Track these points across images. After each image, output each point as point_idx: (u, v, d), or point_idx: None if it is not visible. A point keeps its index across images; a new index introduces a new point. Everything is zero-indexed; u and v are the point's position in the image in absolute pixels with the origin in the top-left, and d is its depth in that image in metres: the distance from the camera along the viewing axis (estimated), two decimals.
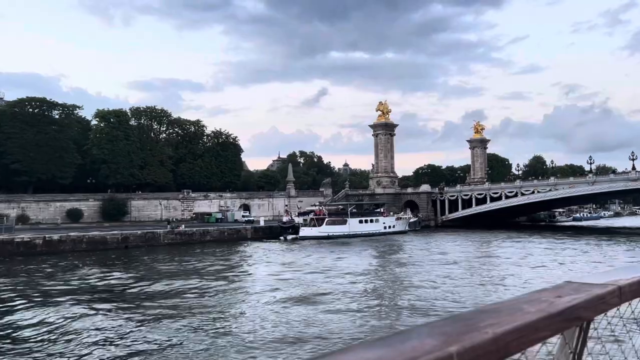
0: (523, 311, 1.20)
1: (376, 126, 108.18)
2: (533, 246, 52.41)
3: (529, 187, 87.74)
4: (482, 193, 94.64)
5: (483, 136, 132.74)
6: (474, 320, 1.11)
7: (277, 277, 33.62)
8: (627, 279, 1.64)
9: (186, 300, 25.88)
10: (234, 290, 28.76)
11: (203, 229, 63.65)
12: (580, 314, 1.37)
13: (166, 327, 19.96)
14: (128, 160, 78.35)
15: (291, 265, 40.48)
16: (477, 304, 19.08)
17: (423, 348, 0.93)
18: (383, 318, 21.41)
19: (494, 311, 1.19)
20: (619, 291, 1.54)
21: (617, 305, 1.56)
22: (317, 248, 54.86)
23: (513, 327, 1.09)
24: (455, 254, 46.78)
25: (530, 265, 37.33)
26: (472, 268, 36.81)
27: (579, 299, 1.35)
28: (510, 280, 30.84)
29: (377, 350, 0.93)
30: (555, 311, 1.25)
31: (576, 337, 1.53)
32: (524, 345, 1.12)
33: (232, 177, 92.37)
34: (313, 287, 29.00)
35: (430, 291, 27.30)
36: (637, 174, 74.07)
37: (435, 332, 1.02)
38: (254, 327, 19.69)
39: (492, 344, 1.01)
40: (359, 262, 40.89)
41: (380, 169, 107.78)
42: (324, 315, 21.59)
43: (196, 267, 39.27)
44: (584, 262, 38.64)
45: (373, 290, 28.35)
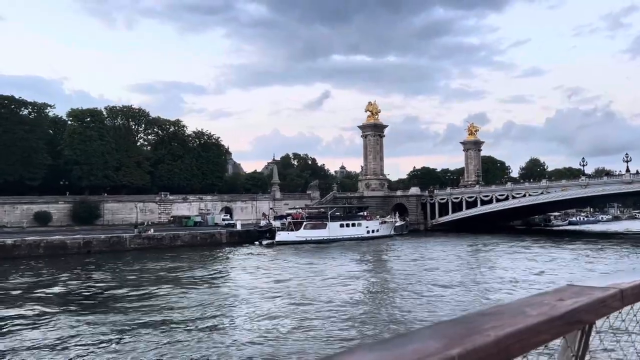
0: (525, 314, 1.19)
1: (365, 127, 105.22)
2: (522, 252, 49.38)
3: (520, 190, 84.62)
4: (473, 196, 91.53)
5: (477, 138, 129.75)
6: (476, 323, 1.10)
7: (240, 287, 30.89)
8: (629, 282, 1.63)
9: (123, 317, 22.65)
10: (182, 306, 25.59)
11: (173, 233, 60.53)
12: (582, 317, 1.36)
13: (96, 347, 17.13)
14: (102, 161, 75.35)
15: (257, 274, 37.51)
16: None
17: (425, 351, 0.92)
18: (355, 336, 18.62)
19: (496, 314, 1.18)
20: (620, 294, 1.53)
21: (619, 308, 1.55)
22: (293, 254, 51.84)
23: (515, 330, 1.08)
24: (438, 260, 43.95)
25: (515, 274, 34.50)
26: (451, 275, 34.17)
27: (580, 302, 1.34)
28: (491, 292, 27.96)
29: (379, 353, 0.92)
30: (557, 314, 1.24)
31: (578, 341, 1.52)
32: (526, 348, 1.11)
33: (214, 179, 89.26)
34: (277, 300, 26.16)
35: (407, 302, 24.94)
36: (632, 177, 70.91)
37: (437, 335, 1.01)
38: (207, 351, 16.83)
39: (493, 346, 1.00)
40: (334, 271, 37.79)
41: (369, 171, 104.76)
42: (290, 331, 19.18)
43: (157, 275, 36.18)
44: (568, 270, 35.59)
45: (346, 302, 25.41)
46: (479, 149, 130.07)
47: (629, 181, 70.50)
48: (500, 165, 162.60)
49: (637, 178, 70.38)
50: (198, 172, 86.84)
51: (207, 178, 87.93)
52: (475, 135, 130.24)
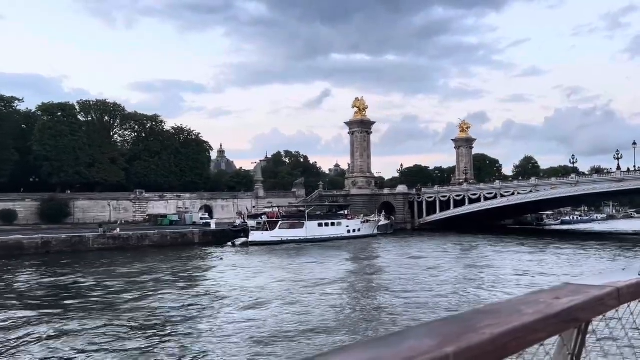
0: (521, 312, 1.19)
1: (352, 123, 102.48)
2: (504, 254, 46.78)
3: (508, 189, 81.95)
4: (461, 194, 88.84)
5: (469, 135, 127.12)
6: (472, 321, 1.10)
7: (202, 291, 28.26)
8: (625, 280, 1.63)
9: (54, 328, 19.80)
10: (129, 313, 22.79)
11: (141, 232, 57.67)
12: (579, 316, 1.36)
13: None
14: (74, 157, 72.36)
15: (222, 277, 34.77)
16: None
17: (420, 348, 0.92)
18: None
19: (492, 312, 1.18)
20: (617, 293, 1.53)
21: (615, 307, 1.56)
22: (265, 255, 49.12)
23: (511, 328, 1.08)
24: (416, 261, 41.33)
25: (492, 277, 32.02)
26: (425, 277, 31.72)
27: (577, 301, 1.34)
28: (465, 295, 25.52)
29: (374, 350, 0.92)
30: (553, 312, 1.24)
31: (574, 339, 1.53)
32: (522, 346, 1.11)
33: (193, 176, 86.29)
34: (241, 306, 23.66)
35: (381, 306, 23.18)
36: (622, 175, 68.26)
37: (433, 333, 1.01)
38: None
39: (489, 344, 1.00)
40: (307, 273, 35.02)
41: (355, 169, 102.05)
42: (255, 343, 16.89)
43: (113, 278, 33.32)
44: (548, 273, 32.81)
45: (317, 307, 22.90)
46: (471, 147, 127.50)
47: (619, 179, 67.86)
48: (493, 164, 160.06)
49: (628, 176, 67.75)
50: (176, 169, 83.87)
51: (186, 175, 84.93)
52: (467, 133, 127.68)
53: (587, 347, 1.61)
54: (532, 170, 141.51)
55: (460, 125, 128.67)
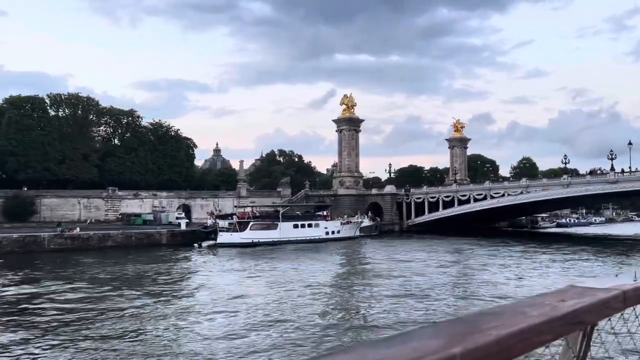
0: (526, 314, 1.19)
1: (340, 121, 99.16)
2: (487, 259, 43.43)
3: (498, 190, 78.50)
4: (450, 195, 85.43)
5: (463, 135, 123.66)
6: (478, 322, 1.10)
7: (153, 297, 25.46)
8: (631, 283, 1.63)
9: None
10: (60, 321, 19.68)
11: (103, 232, 54.43)
12: (584, 319, 1.35)
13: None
14: (42, 153, 69.11)
15: (178, 281, 31.76)
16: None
17: (426, 349, 0.92)
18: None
19: (498, 314, 1.18)
20: (623, 296, 1.52)
21: (621, 310, 1.55)
22: (230, 258, 45.94)
23: (516, 330, 1.08)
24: (391, 266, 38.16)
25: (465, 285, 28.97)
26: (396, 282, 29.16)
27: (582, 303, 1.34)
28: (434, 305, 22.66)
29: (380, 351, 0.92)
30: (559, 315, 1.23)
31: (580, 342, 1.52)
32: (527, 348, 1.11)
33: (172, 174, 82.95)
34: (195, 315, 21.06)
35: (343, 316, 20.96)
36: (617, 176, 64.76)
37: (439, 334, 1.01)
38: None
39: (495, 346, 1.00)
40: (272, 278, 31.92)
41: (343, 168, 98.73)
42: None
43: (56, 282, 30.20)
44: (526, 281, 29.42)
45: (276, 318, 20.09)
46: (465, 147, 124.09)
47: (613, 180, 64.37)
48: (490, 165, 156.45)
49: (622, 177, 64.28)
50: (154, 166, 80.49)
51: (164, 173, 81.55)
52: (461, 132, 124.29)
53: (592, 350, 1.58)
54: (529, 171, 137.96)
55: (454, 125, 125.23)
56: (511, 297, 24.03)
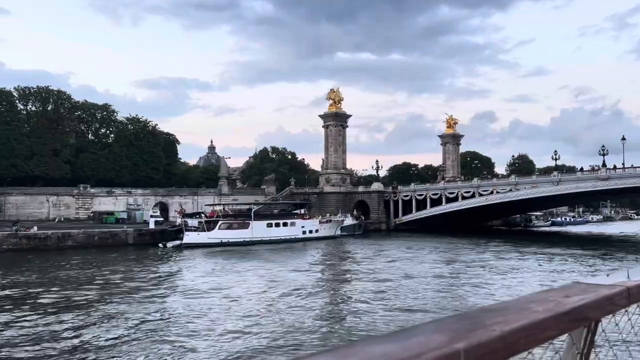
0: (530, 310, 1.19)
1: (326, 116, 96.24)
2: (470, 261, 40.48)
3: (487, 187, 75.45)
4: (437, 193, 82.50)
5: (456, 131, 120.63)
6: (482, 318, 1.10)
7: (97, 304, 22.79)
8: (635, 280, 1.64)
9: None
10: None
11: (63, 232, 51.54)
12: (588, 315, 1.37)
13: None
14: (8, 149, 66.23)
15: (127, 286, 28.81)
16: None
17: (430, 344, 0.93)
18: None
19: (502, 310, 1.18)
20: (627, 292, 1.53)
21: (625, 306, 1.56)
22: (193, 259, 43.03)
23: (520, 325, 1.08)
24: (362, 268, 35.35)
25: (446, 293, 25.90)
26: (361, 287, 26.53)
27: (586, 299, 1.35)
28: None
29: (384, 346, 0.92)
30: (563, 311, 1.24)
31: (584, 338, 1.53)
32: (531, 344, 1.12)
33: (149, 170, 79.93)
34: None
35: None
36: (608, 172, 61.64)
37: (443, 329, 1.02)
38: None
39: (499, 341, 1.00)
40: (223, 283, 28.97)
41: (329, 165, 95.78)
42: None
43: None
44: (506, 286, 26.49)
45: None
46: (458, 143, 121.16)
47: (605, 177, 61.30)
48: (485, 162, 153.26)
49: (614, 174, 61.21)
50: (128, 162, 77.53)
51: (139, 170, 78.62)
52: (454, 129, 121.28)
53: (596, 346, 1.57)
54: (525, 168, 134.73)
55: (447, 121, 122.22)
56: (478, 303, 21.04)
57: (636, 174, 59.19)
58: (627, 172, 60.18)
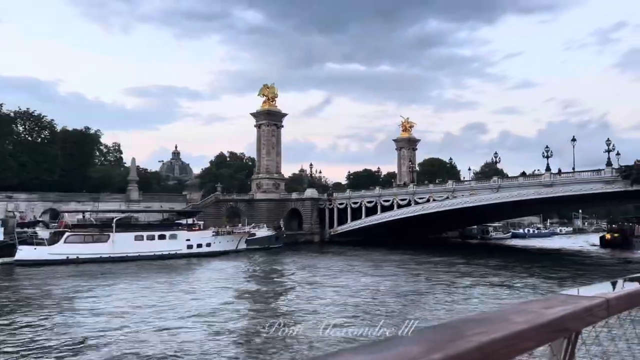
0: (510, 321, 1.17)
1: (258, 115, 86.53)
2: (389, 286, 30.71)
3: (423, 194, 65.96)
4: (373, 200, 73.00)
5: (412, 135, 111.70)
6: (461, 328, 1.08)
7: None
8: (615, 292, 1.66)
9: None
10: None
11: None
12: (568, 326, 1.36)
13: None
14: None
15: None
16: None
17: (408, 355, 0.91)
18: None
19: (482, 320, 1.16)
20: (607, 304, 1.53)
21: (605, 317, 1.55)
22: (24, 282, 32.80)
23: (499, 336, 1.06)
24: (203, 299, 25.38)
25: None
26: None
27: (566, 311, 1.34)
28: None
29: (362, 357, 0.91)
30: (543, 322, 1.22)
31: (564, 349, 1.51)
32: (511, 355, 1.09)
33: (39, 172, 69.23)
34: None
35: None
36: (552, 178, 52.26)
37: (422, 340, 1.00)
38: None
39: (477, 352, 0.99)
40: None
41: (261, 169, 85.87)
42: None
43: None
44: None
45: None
46: (414, 148, 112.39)
47: (549, 183, 51.99)
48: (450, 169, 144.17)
49: (558, 179, 51.94)
50: (14, 163, 66.93)
51: (27, 171, 68.04)
52: (410, 132, 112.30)
53: (577, 357, 1.57)
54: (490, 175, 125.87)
55: (402, 124, 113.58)
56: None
57: (583, 179, 49.99)
58: (573, 177, 50.82)
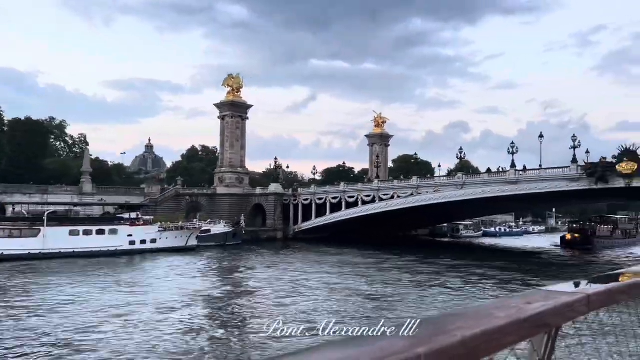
0: (492, 316, 1.19)
1: (222, 106, 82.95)
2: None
3: (387, 191, 63.60)
4: (337, 197, 70.46)
5: (384, 131, 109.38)
6: (444, 323, 1.10)
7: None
8: (595, 288, 1.69)
9: None
10: None
11: None
12: (549, 321, 1.39)
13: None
14: None
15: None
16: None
17: (391, 349, 0.92)
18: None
19: (464, 315, 1.19)
20: (587, 300, 1.56)
21: (585, 313, 1.58)
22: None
23: (482, 331, 1.08)
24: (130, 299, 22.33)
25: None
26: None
27: (547, 306, 1.37)
28: None
29: (346, 350, 0.92)
30: (524, 317, 1.25)
31: (544, 344, 1.54)
32: (492, 349, 1.12)
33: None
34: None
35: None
36: (517, 175, 50.22)
37: (405, 334, 1.02)
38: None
39: (460, 347, 1.01)
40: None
41: (225, 162, 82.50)
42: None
43: None
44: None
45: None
46: (387, 144, 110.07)
47: (513, 180, 49.97)
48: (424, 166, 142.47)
49: (523, 177, 49.96)
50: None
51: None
52: (383, 128, 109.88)
53: (557, 352, 1.59)
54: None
55: (375, 120, 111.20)
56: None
57: (549, 177, 48.02)
58: (538, 174, 48.82)
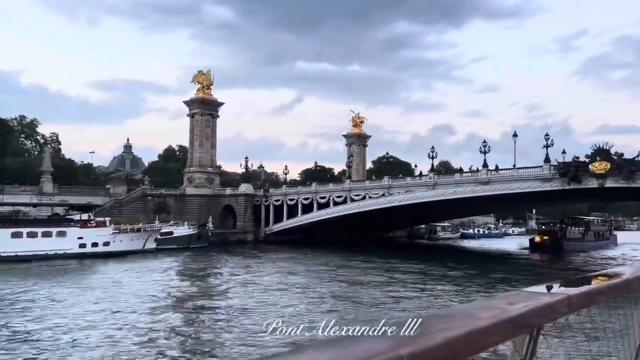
0: (475, 317, 1.20)
1: (192, 103, 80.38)
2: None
3: (359, 191, 61.61)
4: (309, 197, 68.29)
5: (362, 130, 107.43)
6: (427, 324, 1.10)
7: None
8: (576, 289, 1.72)
9: None
10: None
11: None
12: (531, 321, 1.40)
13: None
14: None
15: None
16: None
17: (375, 350, 0.92)
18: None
19: (447, 316, 1.20)
20: (568, 301, 1.58)
21: (566, 314, 1.61)
22: None
23: (464, 332, 1.09)
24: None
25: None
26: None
27: (529, 307, 1.38)
28: None
29: (329, 352, 0.92)
30: (507, 317, 1.26)
31: (526, 344, 1.56)
32: (475, 350, 1.12)
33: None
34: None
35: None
36: (489, 175, 48.52)
37: (388, 336, 1.02)
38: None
39: (443, 347, 1.01)
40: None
41: (194, 162, 79.83)
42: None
43: None
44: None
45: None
46: (364, 144, 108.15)
47: (485, 180, 48.32)
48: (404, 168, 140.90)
49: (495, 176, 48.28)
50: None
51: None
52: (361, 128, 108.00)
53: (539, 352, 1.61)
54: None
55: (353, 119, 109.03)
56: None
57: (521, 177, 46.39)
58: (510, 174, 47.12)
